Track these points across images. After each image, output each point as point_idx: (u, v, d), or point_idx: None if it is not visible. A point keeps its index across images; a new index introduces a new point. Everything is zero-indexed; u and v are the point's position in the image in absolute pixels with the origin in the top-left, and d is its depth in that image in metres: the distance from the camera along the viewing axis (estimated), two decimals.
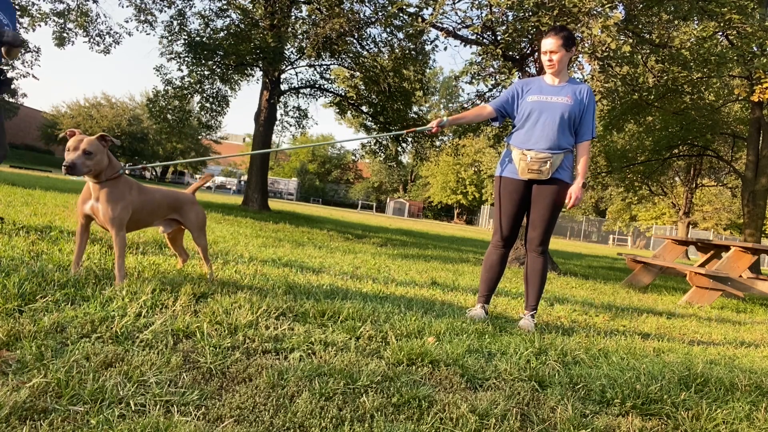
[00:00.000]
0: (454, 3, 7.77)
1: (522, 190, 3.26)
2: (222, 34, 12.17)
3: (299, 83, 14.83)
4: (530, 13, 6.56)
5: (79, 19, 13.26)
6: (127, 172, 2.58)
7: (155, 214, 2.82)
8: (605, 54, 6.11)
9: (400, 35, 11.99)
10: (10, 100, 35.60)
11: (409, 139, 14.54)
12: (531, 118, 3.20)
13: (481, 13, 7.34)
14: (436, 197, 48.77)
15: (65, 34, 13.50)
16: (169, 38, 12.42)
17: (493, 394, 1.90)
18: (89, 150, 2.41)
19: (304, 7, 12.95)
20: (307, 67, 14.24)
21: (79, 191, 9.97)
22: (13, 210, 5.18)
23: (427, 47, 12.28)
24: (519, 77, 8.94)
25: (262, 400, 1.60)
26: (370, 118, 14.45)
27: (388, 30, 12.08)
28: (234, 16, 12.64)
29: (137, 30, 13.24)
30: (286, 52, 12.64)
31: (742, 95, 10.78)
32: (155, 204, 2.78)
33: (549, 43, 3.15)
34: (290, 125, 16.40)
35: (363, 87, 13.59)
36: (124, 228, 2.59)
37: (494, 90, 10.30)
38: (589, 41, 6.03)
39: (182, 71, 12.71)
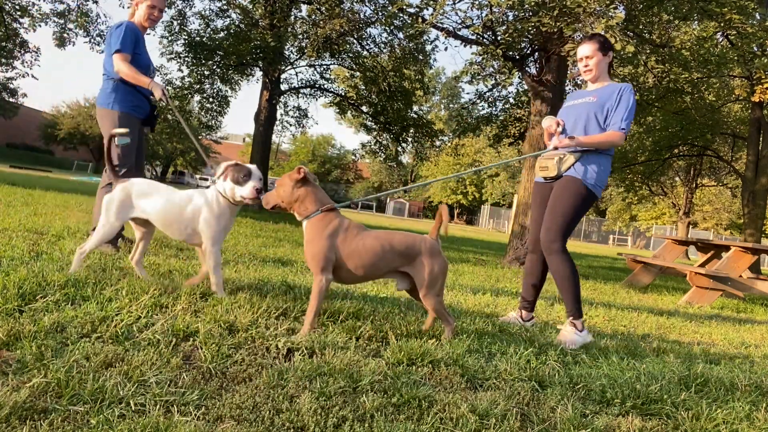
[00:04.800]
0: (454, 3, 7.75)
1: (541, 191, 3.25)
2: (222, 34, 12.16)
3: (299, 83, 14.83)
4: (531, 14, 6.56)
5: (79, 19, 13.26)
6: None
7: None
8: None
9: (401, 35, 11.99)
10: (10, 99, 35.58)
11: (409, 139, 14.54)
12: (562, 125, 3.21)
13: (482, 13, 7.34)
14: (436, 197, 48.76)
15: (65, 35, 13.51)
16: (169, 38, 12.42)
17: (493, 394, 1.90)
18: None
19: (304, 7, 12.95)
20: (307, 67, 14.25)
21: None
22: (13, 210, 5.18)
23: (428, 47, 12.28)
24: (519, 77, 8.95)
25: (262, 400, 1.60)
26: (370, 118, 14.45)
27: (388, 30, 12.08)
28: (234, 16, 12.64)
29: None
30: (286, 52, 12.64)
31: (742, 95, 10.79)
32: None
33: (584, 49, 3.13)
34: (290, 125, 16.43)
35: (363, 87, 13.59)
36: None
37: (494, 90, 10.32)
38: None
39: (182, 71, 12.72)
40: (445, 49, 28.54)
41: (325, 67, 14.38)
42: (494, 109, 10.65)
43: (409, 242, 2.44)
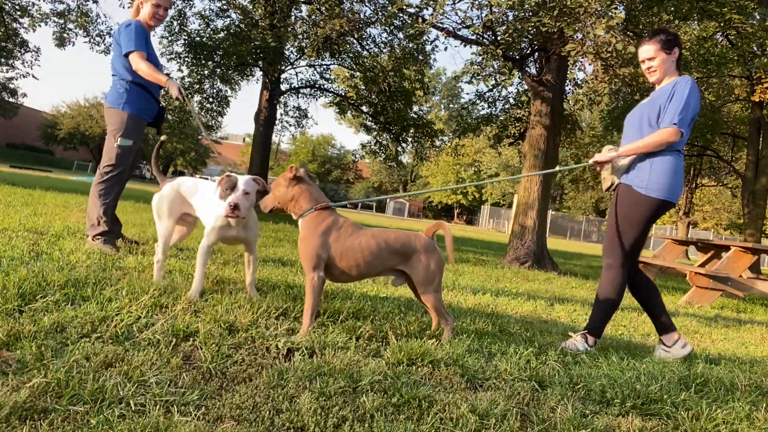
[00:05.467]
0: (454, 3, 7.76)
1: (612, 202, 3.00)
2: (222, 34, 12.16)
3: (299, 83, 14.83)
4: (531, 14, 6.56)
5: (79, 19, 13.27)
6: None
7: None
8: (609, 54, 6.10)
9: (401, 35, 11.99)
10: (10, 99, 35.57)
11: (409, 139, 14.54)
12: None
13: (481, 13, 7.34)
14: (436, 197, 48.75)
15: (65, 35, 13.51)
16: (170, 38, 12.41)
17: (493, 394, 1.90)
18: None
19: (304, 7, 12.95)
20: (307, 67, 14.24)
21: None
22: (13, 210, 5.18)
23: (428, 47, 12.28)
24: (519, 77, 8.95)
25: (262, 400, 1.60)
26: (370, 118, 14.44)
27: (388, 30, 12.08)
28: (234, 16, 12.63)
29: None
30: (286, 51, 12.63)
31: (742, 95, 10.78)
32: None
33: (645, 50, 2.89)
34: (290, 125, 16.45)
35: (363, 87, 13.59)
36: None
37: (494, 90, 10.32)
38: (591, 41, 6.03)
39: (182, 71, 12.71)
40: (445, 49, 28.62)
41: (325, 67, 14.38)
42: (494, 109, 10.66)
43: (405, 240, 2.44)
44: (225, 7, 12.68)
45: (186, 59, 12.28)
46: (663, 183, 2.73)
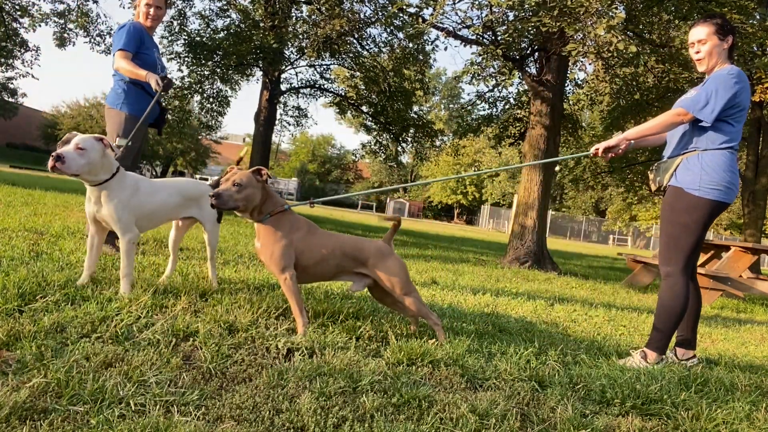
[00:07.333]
0: (454, 3, 7.76)
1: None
2: (222, 34, 12.16)
3: (299, 83, 14.83)
4: (531, 14, 6.56)
5: (79, 19, 13.28)
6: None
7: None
8: (610, 54, 6.09)
9: (401, 35, 12.00)
10: (10, 99, 35.57)
11: (409, 139, 14.54)
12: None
13: (482, 13, 7.34)
14: (436, 197, 48.75)
15: (66, 35, 13.52)
16: (169, 38, 12.41)
17: (493, 394, 1.90)
18: (239, 182, 2.24)
19: (304, 7, 12.96)
20: (307, 67, 14.24)
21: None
22: (13, 210, 5.18)
23: (428, 47, 12.29)
24: (519, 77, 8.95)
25: (262, 400, 1.60)
26: (370, 118, 14.45)
27: (388, 30, 12.09)
28: (234, 16, 12.64)
29: None
30: (286, 52, 12.64)
31: None
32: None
33: (696, 32, 2.64)
34: (290, 125, 16.46)
35: (363, 87, 13.59)
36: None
37: (494, 90, 10.32)
38: (592, 41, 6.02)
39: (182, 71, 12.71)
40: (445, 49, 28.67)
41: (325, 67, 14.38)
42: (494, 109, 10.65)
43: (357, 244, 2.45)
44: (225, 7, 12.68)
45: (186, 59, 12.27)
46: (717, 182, 2.53)
